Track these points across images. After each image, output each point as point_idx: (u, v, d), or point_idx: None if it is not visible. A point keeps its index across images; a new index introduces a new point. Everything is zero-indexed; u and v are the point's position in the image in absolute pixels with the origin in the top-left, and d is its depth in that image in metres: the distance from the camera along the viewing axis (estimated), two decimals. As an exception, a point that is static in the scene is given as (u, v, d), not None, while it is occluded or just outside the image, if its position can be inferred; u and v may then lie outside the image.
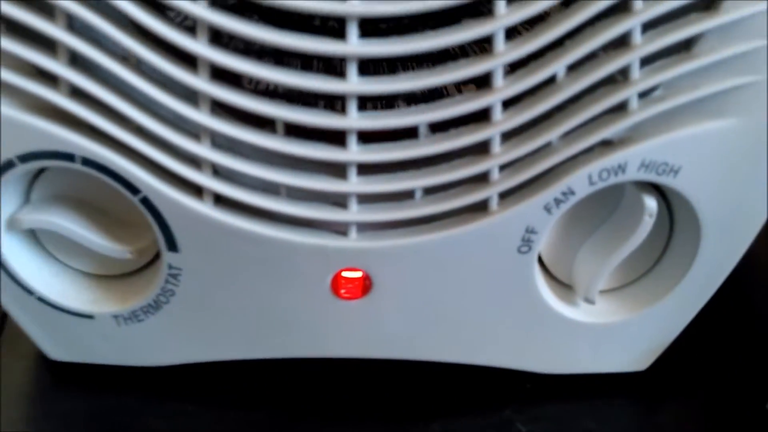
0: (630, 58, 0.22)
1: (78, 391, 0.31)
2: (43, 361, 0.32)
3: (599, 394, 0.33)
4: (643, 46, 0.22)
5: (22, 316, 0.29)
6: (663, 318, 0.30)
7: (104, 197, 0.26)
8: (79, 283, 0.29)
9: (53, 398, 0.31)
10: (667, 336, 0.32)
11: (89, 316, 0.28)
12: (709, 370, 0.34)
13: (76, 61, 0.22)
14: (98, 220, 0.27)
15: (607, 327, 0.30)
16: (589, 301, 0.29)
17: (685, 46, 0.23)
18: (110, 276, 0.29)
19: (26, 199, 0.27)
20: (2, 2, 0.21)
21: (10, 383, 0.32)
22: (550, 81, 0.23)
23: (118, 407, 0.31)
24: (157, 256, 0.28)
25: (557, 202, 0.25)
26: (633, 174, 0.25)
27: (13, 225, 0.26)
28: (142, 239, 0.27)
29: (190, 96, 0.23)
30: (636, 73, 0.23)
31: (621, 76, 0.23)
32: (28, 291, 0.28)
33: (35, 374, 0.32)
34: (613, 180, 0.25)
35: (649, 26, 0.22)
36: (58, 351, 0.31)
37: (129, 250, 0.27)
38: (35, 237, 0.28)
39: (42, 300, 0.28)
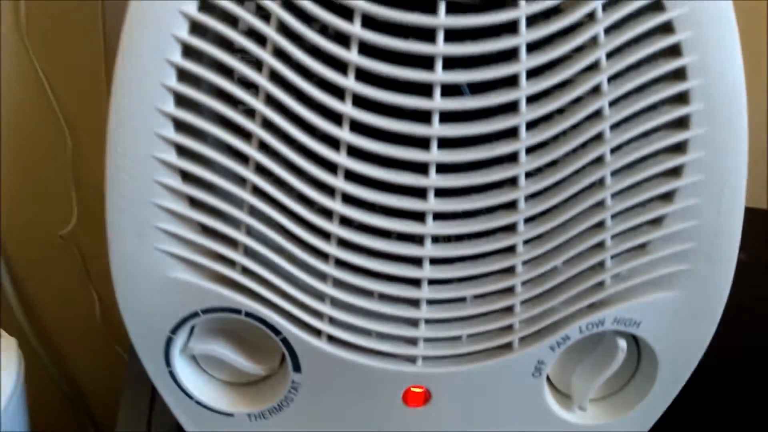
0: (604, 255, 0.34)
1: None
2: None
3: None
4: (612, 248, 0.34)
5: (180, 413, 0.40)
6: (635, 421, 0.41)
7: (247, 331, 0.37)
8: (223, 390, 0.39)
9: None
10: (638, 434, 0.42)
11: (230, 414, 0.39)
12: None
13: (247, 251, 0.35)
14: (241, 347, 0.38)
15: (595, 427, 0.40)
16: (582, 408, 0.39)
17: (641, 246, 0.35)
18: (243, 384, 0.40)
19: (191, 331, 0.38)
20: (200, 215, 0.34)
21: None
22: (554, 269, 0.35)
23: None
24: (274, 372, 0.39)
25: (558, 344, 0.36)
26: (609, 326, 0.36)
27: (185, 351, 0.38)
28: (271, 361, 0.38)
29: (320, 274, 0.35)
30: (609, 263, 0.34)
31: (599, 266, 0.35)
32: (189, 396, 0.39)
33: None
34: (596, 330, 0.36)
35: (615, 235, 0.34)
36: (202, 438, 0.42)
37: (263, 369, 0.38)
38: (193, 357, 0.39)
39: (197, 402, 0.39)
